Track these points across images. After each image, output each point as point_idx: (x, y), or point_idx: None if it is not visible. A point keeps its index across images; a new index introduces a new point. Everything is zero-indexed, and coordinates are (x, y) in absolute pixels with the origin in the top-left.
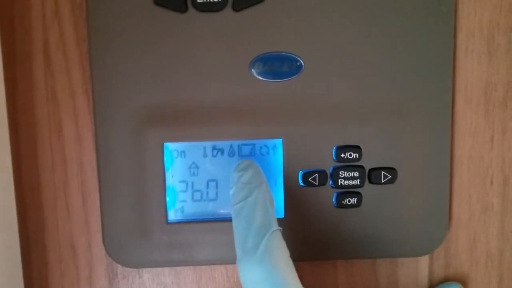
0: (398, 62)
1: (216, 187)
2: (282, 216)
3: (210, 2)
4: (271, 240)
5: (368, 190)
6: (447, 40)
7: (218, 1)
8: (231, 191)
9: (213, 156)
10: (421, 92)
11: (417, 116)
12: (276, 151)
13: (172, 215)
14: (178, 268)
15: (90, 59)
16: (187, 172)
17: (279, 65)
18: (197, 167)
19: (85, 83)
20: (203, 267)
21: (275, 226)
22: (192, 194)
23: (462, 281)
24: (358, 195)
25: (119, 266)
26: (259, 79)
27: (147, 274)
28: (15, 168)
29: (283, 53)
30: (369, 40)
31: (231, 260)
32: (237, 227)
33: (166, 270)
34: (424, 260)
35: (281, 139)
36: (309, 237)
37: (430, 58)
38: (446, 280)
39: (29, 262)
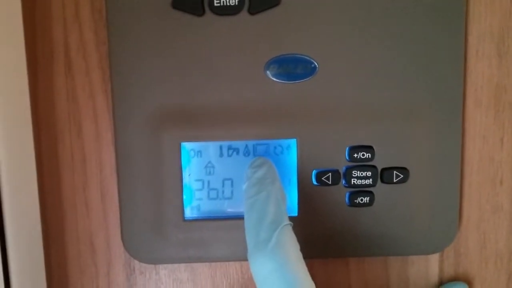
0: (410, 64)
1: (232, 185)
2: (296, 215)
3: (226, 5)
4: (282, 234)
5: (380, 189)
6: (458, 44)
7: (234, 4)
8: (245, 186)
9: (229, 155)
10: (433, 94)
11: (429, 117)
12: (290, 150)
13: (189, 213)
14: (194, 264)
15: (110, 61)
16: (203, 171)
17: (293, 67)
18: (213, 166)
19: (105, 84)
20: (218, 263)
21: (286, 221)
22: (208, 193)
23: (472, 279)
24: (370, 194)
25: (136, 262)
26: (274, 80)
27: (163, 270)
28: (36, 167)
29: (298, 55)
30: (382, 43)
31: (246, 256)
32: (249, 221)
33: (182, 266)
34: (434, 259)
35: (295, 139)
36: (322, 235)
37: (441, 61)
38: (456, 278)
39: (49, 258)
